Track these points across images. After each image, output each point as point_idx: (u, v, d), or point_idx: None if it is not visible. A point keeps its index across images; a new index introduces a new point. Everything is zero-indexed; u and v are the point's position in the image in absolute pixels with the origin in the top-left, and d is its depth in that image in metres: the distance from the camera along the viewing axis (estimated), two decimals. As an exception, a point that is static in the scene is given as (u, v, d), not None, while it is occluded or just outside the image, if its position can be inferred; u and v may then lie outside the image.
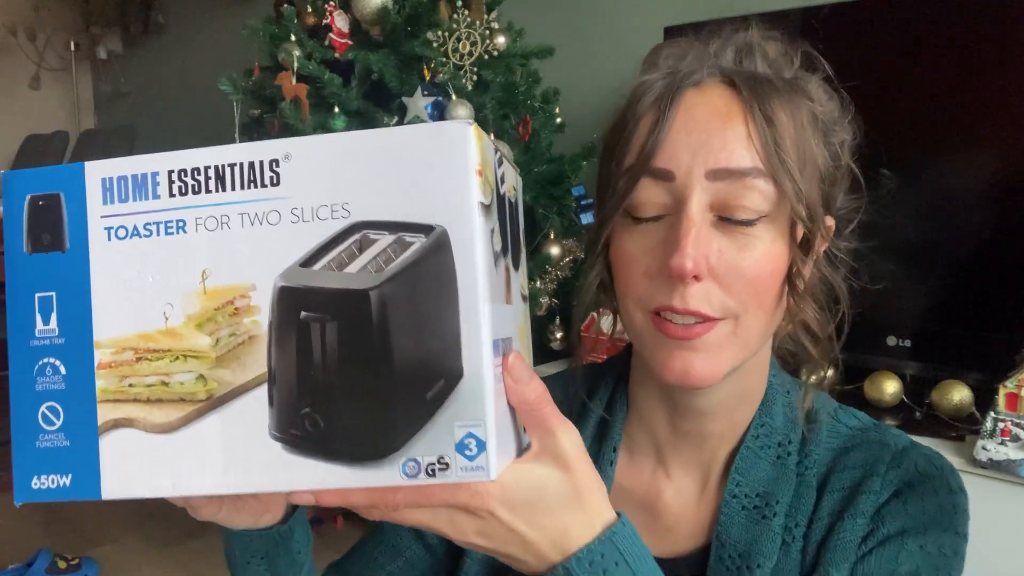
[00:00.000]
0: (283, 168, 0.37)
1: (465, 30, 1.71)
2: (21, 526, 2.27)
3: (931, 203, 1.35)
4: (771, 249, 0.51)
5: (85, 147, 3.37)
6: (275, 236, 0.37)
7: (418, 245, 0.36)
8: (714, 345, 0.51)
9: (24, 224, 0.40)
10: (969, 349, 1.31)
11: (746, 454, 0.58)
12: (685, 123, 0.51)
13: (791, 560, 0.55)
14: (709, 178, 0.50)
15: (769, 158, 0.49)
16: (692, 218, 0.49)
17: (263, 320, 0.37)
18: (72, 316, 0.39)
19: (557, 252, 1.75)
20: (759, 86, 0.51)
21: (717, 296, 0.50)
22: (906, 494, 0.55)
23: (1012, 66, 1.24)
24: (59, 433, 0.40)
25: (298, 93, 1.72)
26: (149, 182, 0.40)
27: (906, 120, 1.36)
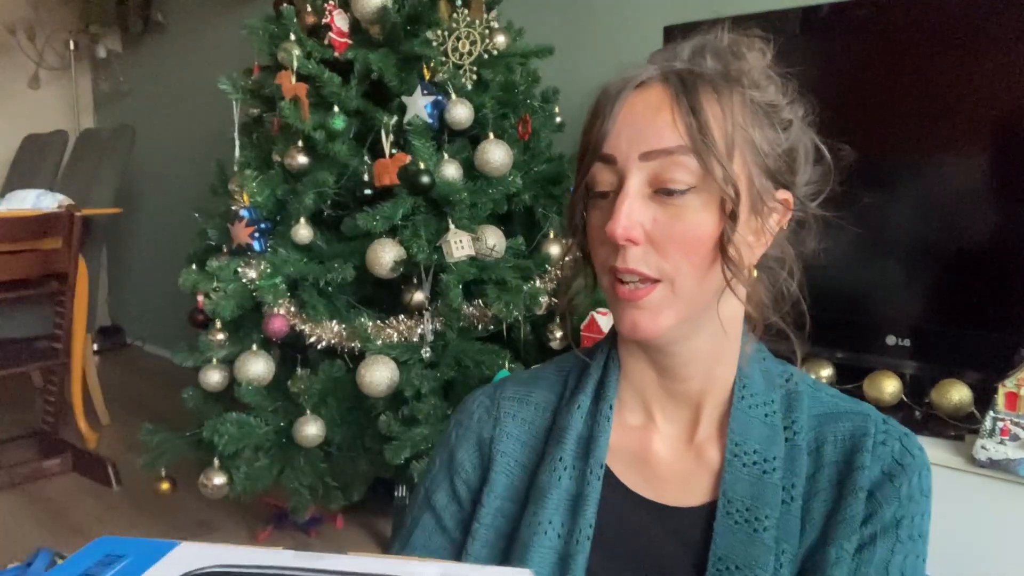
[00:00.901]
0: None
1: (465, 29, 1.71)
2: (21, 526, 2.27)
3: (931, 202, 1.35)
4: (700, 217, 0.60)
5: (84, 146, 3.36)
6: None
7: None
8: (654, 305, 0.61)
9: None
10: (969, 348, 1.31)
11: (737, 415, 0.65)
12: (625, 117, 0.61)
13: (792, 518, 0.61)
14: (643, 159, 0.60)
15: (692, 138, 0.58)
16: (627, 192, 0.60)
17: None
18: None
19: (557, 252, 1.75)
20: (688, 81, 0.60)
21: (653, 258, 0.60)
22: (898, 477, 0.62)
23: (1014, 64, 1.24)
24: None
25: (297, 92, 1.72)
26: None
27: (905, 119, 1.36)
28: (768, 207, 0.63)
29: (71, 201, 2.65)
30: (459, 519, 0.70)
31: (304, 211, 1.73)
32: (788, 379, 0.67)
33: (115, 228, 3.72)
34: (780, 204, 0.64)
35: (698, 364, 0.66)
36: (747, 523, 0.61)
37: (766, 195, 0.62)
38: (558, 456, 0.66)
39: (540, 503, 0.65)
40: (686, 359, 0.65)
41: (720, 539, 0.62)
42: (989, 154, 1.30)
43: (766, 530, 0.60)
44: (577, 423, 0.67)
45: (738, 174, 0.60)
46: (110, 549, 0.41)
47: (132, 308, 4.37)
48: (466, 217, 1.66)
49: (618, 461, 0.67)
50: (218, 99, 1.99)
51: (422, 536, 0.70)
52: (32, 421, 2.79)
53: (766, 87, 0.63)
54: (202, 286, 1.76)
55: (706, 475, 0.65)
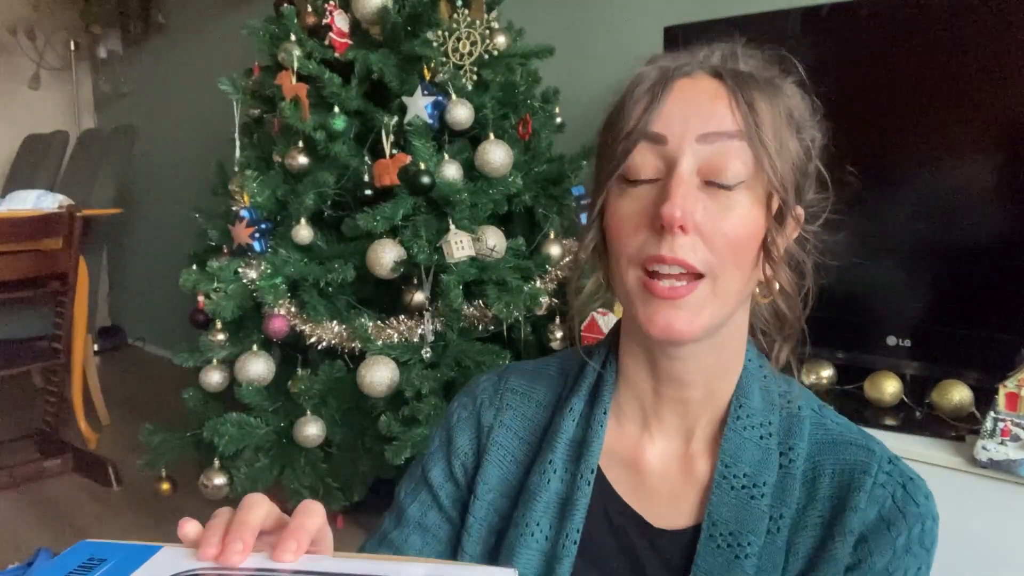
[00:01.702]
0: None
1: (465, 30, 1.71)
2: (21, 526, 2.27)
3: (932, 202, 1.35)
4: (749, 214, 0.57)
5: (85, 147, 3.36)
6: None
7: None
8: (695, 304, 0.57)
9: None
10: (969, 349, 1.31)
11: (731, 436, 0.62)
12: (678, 99, 0.58)
13: (776, 547, 0.59)
14: (699, 141, 0.56)
15: (749, 130, 0.56)
16: (681, 176, 0.56)
17: None
18: None
19: (557, 252, 1.75)
20: (742, 78, 0.58)
21: (701, 250, 0.56)
22: (896, 526, 0.58)
23: (1014, 65, 1.24)
24: None
25: (298, 93, 1.72)
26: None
27: (905, 119, 1.36)
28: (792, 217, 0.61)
29: (71, 201, 2.65)
30: (455, 499, 0.70)
31: (304, 211, 1.73)
32: (790, 400, 0.64)
33: (115, 228, 3.72)
34: (795, 219, 0.62)
35: (701, 374, 0.63)
36: (729, 548, 0.59)
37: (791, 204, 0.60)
38: (548, 459, 0.65)
39: (528, 505, 0.64)
40: (691, 366, 0.63)
41: (701, 561, 0.60)
42: (989, 154, 1.30)
43: (747, 557, 0.58)
44: (569, 427, 0.66)
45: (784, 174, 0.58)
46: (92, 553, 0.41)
47: (132, 308, 4.37)
48: (466, 217, 1.66)
49: (611, 466, 0.66)
50: (218, 99, 1.99)
51: (418, 511, 0.70)
52: (32, 421, 2.79)
53: (800, 101, 0.62)
54: (202, 286, 1.76)
55: (695, 492, 0.63)
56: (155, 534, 2.22)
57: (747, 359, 0.65)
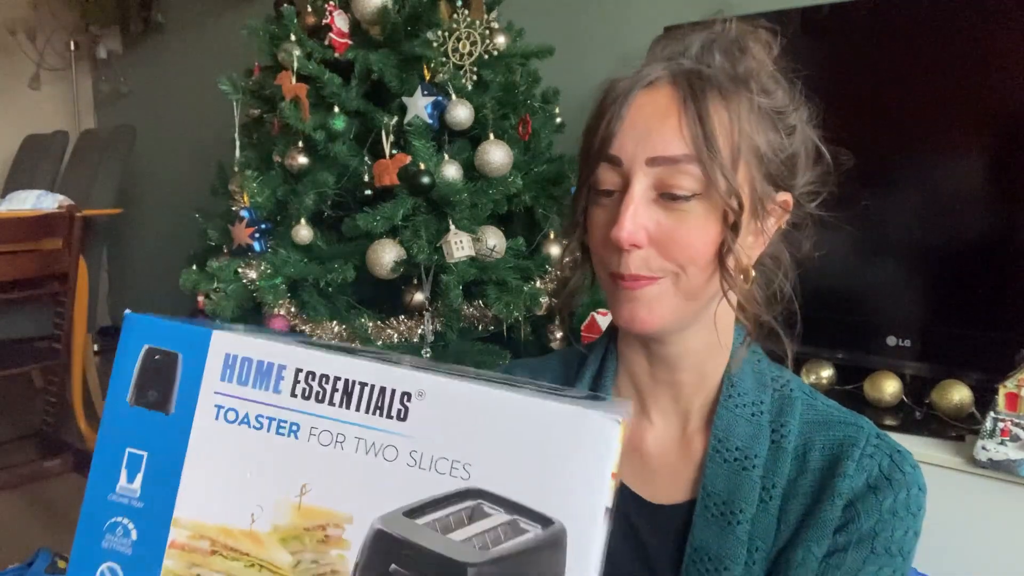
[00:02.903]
0: (414, 404, 0.35)
1: (465, 30, 1.71)
2: (21, 526, 2.27)
3: (932, 202, 1.35)
4: (704, 223, 0.60)
5: (85, 147, 3.36)
6: (387, 473, 0.35)
7: (531, 536, 0.33)
8: (655, 297, 0.61)
9: (134, 374, 0.38)
10: (969, 349, 1.31)
11: (723, 413, 0.65)
12: (633, 118, 0.61)
13: (768, 516, 0.62)
14: (649, 164, 0.60)
15: (698, 148, 0.58)
16: (632, 196, 0.60)
17: (350, 558, 0.35)
18: (158, 483, 0.37)
19: (557, 252, 1.75)
20: (697, 85, 0.60)
21: (656, 261, 0.60)
22: (882, 491, 0.61)
23: (1014, 65, 1.24)
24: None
25: (298, 93, 1.72)
26: (274, 374, 0.37)
27: (905, 119, 1.36)
28: (767, 210, 0.63)
29: (71, 201, 2.65)
30: None
31: (304, 212, 1.73)
32: (783, 384, 0.67)
33: (115, 228, 3.72)
34: (779, 206, 0.65)
35: (691, 358, 0.67)
36: (723, 516, 0.62)
37: (767, 199, 0.63)
38: None
39: None
40: (680, 352, 0.66)
41: (697, 531, 0.63)
42: (989, 154, 1.30)
43: (740, 524, 0.61)
44: None
45: (741, 183, 0.60)
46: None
47: (132, 308, 4.36)
48: (466, 218, 1.66)
49: None
50: (218, 99, 1.99)
51: None
52: (32, 421, 2.79)
53: (774, 91, 0.64)
54: (202, 286, 1.76)
55: (691, 469, 0.67)
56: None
57: (737, 344, 0.68)
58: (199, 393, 0.37)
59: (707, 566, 0.61)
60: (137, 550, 0.36)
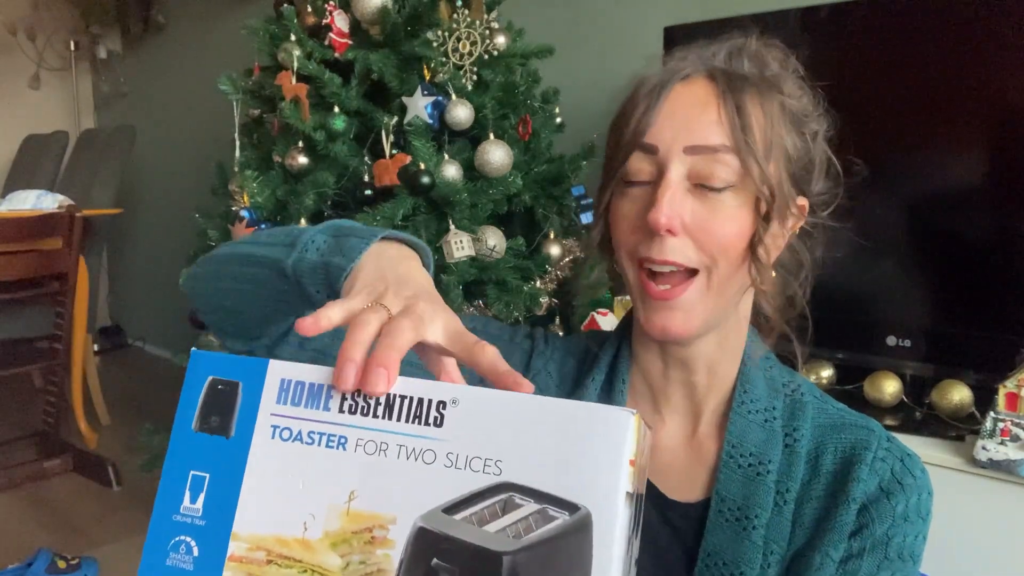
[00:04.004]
0: (448, 411, 0.38)
1: (465, 30, 1.71)
2: (21, 526, 2.27)
3: (932, 202, 1.35)
4: (737, 214, 0.61)
5: (85, 147, 3.36)
6: (426, 475, 0.37)
7: (560, 522, 0.36)
8: (688, 304, 0.61)
9: (199, 403, 0.42)
10: (969, 349, 1.31)
11: (736, 419, 0.66)
12: (670, 109, 0.61)
13: (783, 520, 0.62)
14: (687, 152, 0.60)
15: (736, 139, 0.59)
16: (669, 182, 0.60)
17: (395, 556, 0.37)
18: (219, 502, 0.40)
19: (557, 252, 1.75)
20: (735, 81, 0.61)
21: (691, 249, 0.60)
22: (895, 495, 0.62)
23: (1014, 65, 1.24)
24: None
25: (298, 93, 1.72)
26: (324, 393, 0.40)
27: (905, 119, 1.36)
28: (790, 212, 0.64)
29: (71, 201, 2.65)
30: None
31: (304, 212, 1.73)
32: (794, 389, 0.68)
33: (115, 228, 3.72)
34: (797, 210, 0.66)
35: (705, 359, 0.67)
36: (737, 521, 0.62)
37: (790, 200, 0.64)
38: None
39: None
40: (695, 354, 0.67)
41: (711, 535, 0.63)
42: (989, 154, 1.30)
43: (755, 529, 0.62)
44: (592, 397, 0.69)
45: (772, 177, 0.61)
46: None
47: (132, 308, 4.37)
48: (466, 218, 1.66)
49: None
50: (218, 99, 1.99)
51: None
52: (32, 421, 2.79)
53: (800, 96, 0.65)
54: (202, 286, 1.76)
55: (704, 471, 0.67)
56: (155, 534, 2.22)
57: (751, 350, 0.69)
58: (257, 416, 0.41)
59: (722, 570, 0.62)
60: (198, 565, 0.39)
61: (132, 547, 2.16)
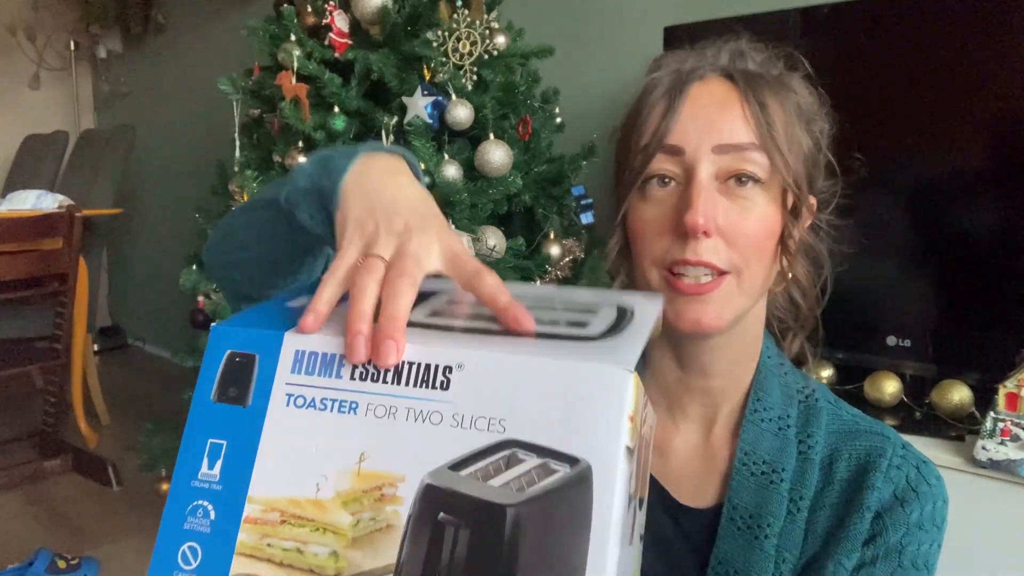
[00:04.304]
0: (455, 375, 0.39)
1: (465, 30, 1.71)
2: (21, 526, 2.27)
3: (932, 202, 1.35)
4: (767, 212, 0.60)
5: (85, 147, 3.36)
6: (434, 435, 0.39)
7: (561, 474, 0.37)
8: (721, 298, 0.60)
9: (218, 375, 0.43)
10: (969, 349, 1.31)
11: (749, 426, 0.65)
12: (692, 109, 0.60)
13: (796, 528, 0.62)
14: (715, 152, 0.59)
15: (762, 136, 0.59)
16: (701, 183, 0.59)
17: (403, 512, 0.38)
18: (235, 467, 0.41)
19: (557, 252, 1.75)
20: (752, 79, 0.61)
21: (724, 250, 0.59)
22: (910, 503, 0.61)
23: (1014, 65, 1.24)
24: (193, 574, 0.41)
25: (298, 93, 1.72)
26: (336, 362, 0.41)
27: (905, 119, 1.36)
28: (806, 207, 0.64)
29: (71, 201, 2.65)
30: None
31: (304, 211, 1.73)
32: (808, 395, 0.67)
33: (115, 228, 3.72)
34: (807, 208, 0.66)
35: (722, 363, 0.66)
36: (749, 530, 0.62)
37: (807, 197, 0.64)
38: None
39: None
40: (713, 357, 0.66)
41: (722, 543, 0.63)
42: (990, 154, 1.30)
43: (767, 538, 0.61)
44: None
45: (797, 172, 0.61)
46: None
47: (132, 308, 4.37)
48: (466, 218, 1.66)
49: None
50: (218, 100, 1.99)
51: None
52: (32, 421, 2.80)
53: (808, 95, 0.65)
54: (202, 286, 1.76)
55: (716, 477, 0.66)
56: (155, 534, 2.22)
57: (766, 355, 0.68)
58: (272, 386, 0.42)
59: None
60: (215, 528, 0.41)
61: (132, 547, 2.16)
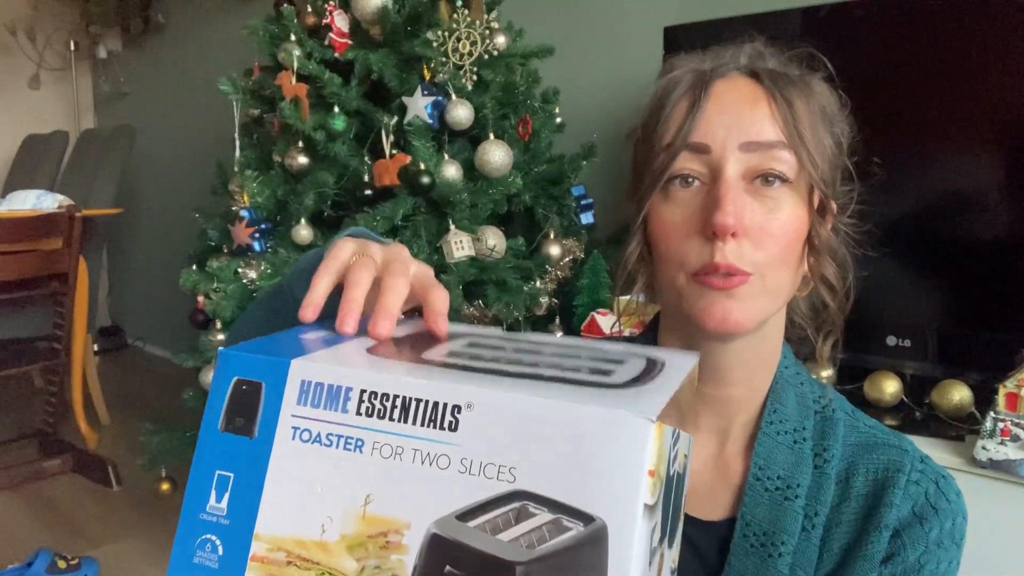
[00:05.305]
0: (463, 416, 0.37)
1: (465, 30, 1.71)
2: (21, 526, 2.27)
3: (932, 203, 1.35)
4: (794, 212, 0.59)
5: (85, 147, 3.36)
6: (440, 480, 0.37)
7: (574, 533, 0.35)
8: (748, 295, 0.58)
9: (225, 403, 0.42)
10: (969, 349, 1.31)
11: (764, 440, 0.63)
12: (717, 106, 0.58)
13: (811, 544, 0.60)
14: (742, 150, 0.58)
15: (790, 134, 0.57)
16: (729, 181, 0.57)
17: (408, 562, 0.37)
18: (242, 501, 0.40)
19: (557, 252, 1.75)
20: (778, 77, 0.60)
21: (749, 252, 0.57)
22: (928, 521, 0.60)
23: (1015, 65, 1.24)
24: None
25: (298, 93, 1.72)
26: (342, 395, 0.40)
27: (905, 119, 1.36)
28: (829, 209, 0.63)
29: (71, 201, 2.65)
30: None
31: (304, 211, 1.73)
32: (825, 405, 0.66)
33: (115, 228, 3.73)
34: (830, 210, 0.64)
35: (740, 371, 0.64)
36: (763, 547, 0.61)
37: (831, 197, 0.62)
38: None
39: None
40: (731, 364, 0.63)
41: (735, 560, 0.61)
42: (990, 154, 1.30)
43: (781, 556, 0.60)
44: None
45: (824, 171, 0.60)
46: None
47: (132, 308, 4.37)
48: (466, 218, 1.66)
49: None
50: (218, 99, 1.99)
51: None
52: (32, 421, 2.80)
53: (829, 96, 0.64)
54: (202, 286, 1.76)
55: (728, 490, 0.65)
56: (155, 534, 2.23)
57: (784, 365, 0.66)
58: (278, 417, 0.41)
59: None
60: (222, 564, 0.40)
61: (132, 547, 2.16)
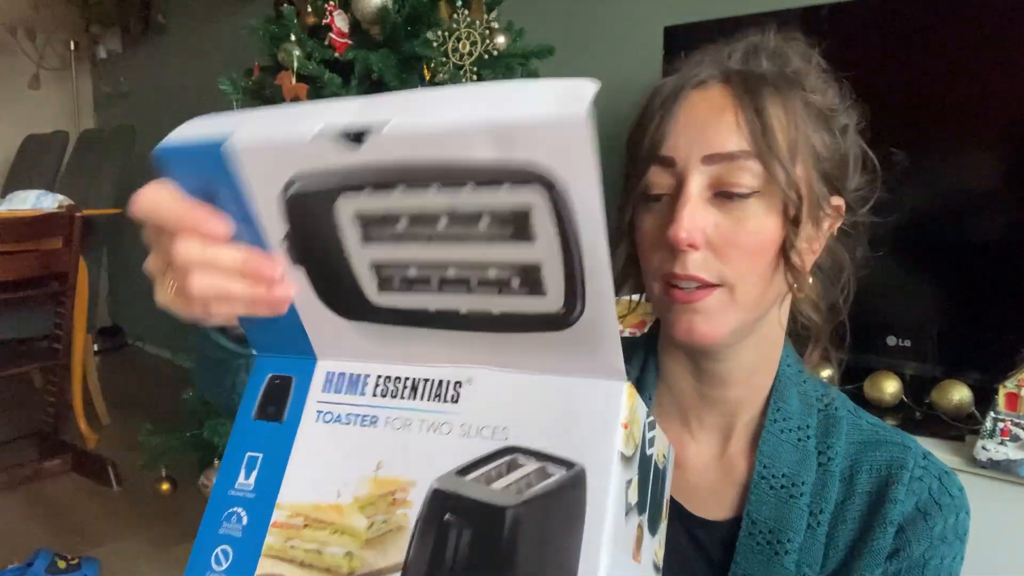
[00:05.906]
0: (464, 389, 0.44)
1: (465, 30, 1.71)
2: (21, 526, 2.27)
3: (932, 202, 1.35)
4: (764, 222, 0.58)
5: (85, 147, 3.36)
6: (443, 444, 0.43)
7: (557, 477, 0.40)
8: (712, 309, 0.58)
9: (259, 396, 0.49)
10: (969, 349, 1.31)
11: (768, 438, 0.63)
12: (686, 118, 0.58)
13: (816, 542, 0.61)
14: (705, 162, 0.57)
15: (756, 142, 0.56)
16: (688, 195, 0.57)
17: (412, 515, 0.42)
18: (268, 477, 0.46)
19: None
20: (751, 82, 0.58)
21: (714, 264, 0.58)
22: (932, 516, 0.60)
23: (1016, 65, 1.24)
24: (223, 574, 0.45)
25: (298, 93, 1.72)
26: (360, 382, 0.47)
27: (903, 120, 1.36)
28: (824, 213, 0.61)
29: (71, 201, 2.65)
30: None
31: (304, 211, 1.73)
32: (828, 403, 0.66)
33: (115, 228, 3.72)
34: (833, 210, 0.62)
35: (740, 372, 0.64)
36: (769, 545, 0.61)
37: (823, 201, 0.60)
38: None
39: None
40: (731, 366, 0.64)
41: (741, 559, 0.62)
42: (990, 154, 1.30)
43: (787, 554, 0.60)
44: None
45: (799, 179, 0.58)
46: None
47: (132, 308, 4.37)
48: (466, 217, 1.66)
49: None
50: (218, 99, 1.99)
51: None
52: (32, 421, 2.80)
53: (825, 90, 0.62)
54: (202, 286, 1.76)
55: (733, 489, 0.65)
56: (155, 533, 2.23)
57: (786, 364, 0.66)
58: (305, 404, 0.47)
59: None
60: (246, 532, 0.45)
61: (132, 547, 2.16)
